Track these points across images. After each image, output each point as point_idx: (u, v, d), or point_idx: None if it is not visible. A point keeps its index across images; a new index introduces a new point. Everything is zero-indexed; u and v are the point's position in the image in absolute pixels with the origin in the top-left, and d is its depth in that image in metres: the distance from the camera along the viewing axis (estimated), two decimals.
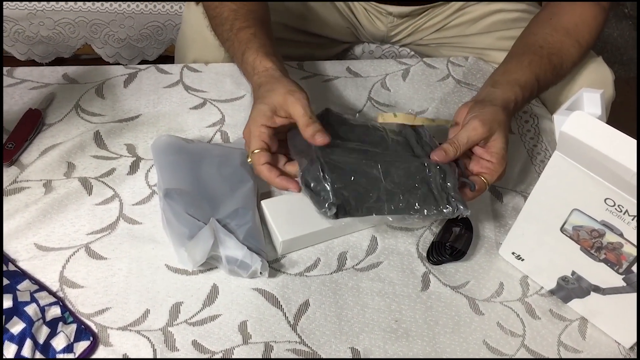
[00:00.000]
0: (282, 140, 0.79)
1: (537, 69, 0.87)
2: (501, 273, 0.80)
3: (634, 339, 0.73)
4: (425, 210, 0.72)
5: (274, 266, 0.77)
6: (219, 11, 0.91)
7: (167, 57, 1.49)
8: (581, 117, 0.60)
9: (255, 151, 0.75)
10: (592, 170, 0.64)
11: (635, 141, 0.58)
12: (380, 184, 0.73)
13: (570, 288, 0.75)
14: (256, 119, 0.76)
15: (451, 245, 0.79)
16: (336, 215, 0.70)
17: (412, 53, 1.25)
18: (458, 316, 0.75)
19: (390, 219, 0.73)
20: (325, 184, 0.71)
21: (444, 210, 0.72)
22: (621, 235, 0.66)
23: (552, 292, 0.78)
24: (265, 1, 0.95)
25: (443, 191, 0.73)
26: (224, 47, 0.93)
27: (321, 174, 0.71)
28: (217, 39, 0.94)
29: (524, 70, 0.86)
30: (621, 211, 0.64)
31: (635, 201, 0.62)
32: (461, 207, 0.72)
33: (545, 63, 0.88)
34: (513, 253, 0.79)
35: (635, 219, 0.63)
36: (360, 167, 0.73)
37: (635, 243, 0.65)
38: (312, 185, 0.72)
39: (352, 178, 0.72)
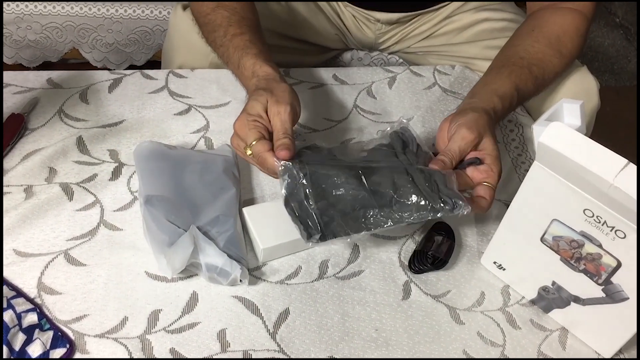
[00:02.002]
0: None
1: (516, 79, 0.87)
2: (482, 282, 0.80)
3: (614, 350, 0.73)
4: (416, 215, 0.71)
5: (255, 274, 0.77)
6: (211, 18, 0.91)
7: (155, 62, 1.49)
8: (559, 128, 0.60)
9: (254, 142, 0.74)
10: (570, 181, 0.64)
11: (611, 152, 0.58)
12: (365, 195, 0.72)
13: (551, 298, 0.75)
14: (250, 112, 0.76)
15: (433, 254, 0.79)
16: (323, 239, 0.69)
17: (401, 61, 1.25)
18: (438, 325, 0.74)
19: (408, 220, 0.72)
20: (310, 211, 0.70)
21: (440, 209, 0.71)
22: (600, 246, 0.66)
23: (533, 302, 0.78)
24: (253, 1, 0.95)
25: (433, 192, 0.72)
26: (216, 53, 0.93)
27: (305, 200, 0.71)
28: (209, 45, 0.94)
29: (503, 81, 0.87)
30: (600, 222, 0.64)
31: (613, 212, 0.62)
32: (460, 202, 0.71)
33: (525, 73, 0.88)
34: (495, 262, 0.79)
35: (614, 230, 0.63)
36: (343, 177, 0.73)
37: (614, 254, 0.65)
38: (296, 210, 0.71)
39: (334, 193, 0.72)
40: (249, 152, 0.75)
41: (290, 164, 0.72)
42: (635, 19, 2.58)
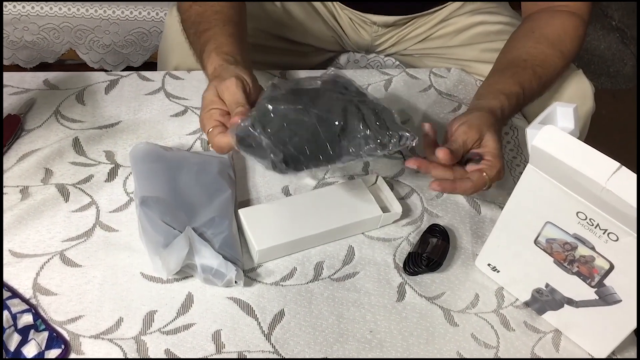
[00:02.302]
0: None
1: (521, 79, 0.88)
2: (477, 284, 0.80)
3: (607, 352, 0.73)
4: (367, 147, 0.71)
5: (250, 275, 0.77)
6: (187, 15, 0.90)
7: (152, 64, 1.50)
8: (552, 131, 0.61)
9: (209, 130, 0.73)
10: (563, 184, 0.64)
11: (603, 155, 0.59)
12: (315, 129, 0.71)
13: (544, 300, 0.75)
14: (204, 104, 0.76)
15: (428, 256, 0.79)
16: (286, 165, 0.68)
17: (397, 63, 1.25)
18: (433, 327, 0.75)
19: (340, 165, 0.72)
20: (262, 137, 0.68)
21: (388, 142, 0.72)
22: (593, 248, 0.66)
23: (526, 304, 0.78)
24: (242, 0, 0.94)
25: (382, 128, 0.72)
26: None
27: (253, 129, 0.69)
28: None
29: (507, 81, 0.87)
30: (593, 225, 0.65)
31: (606, 215, 0.62)
32: (406, 134, 0.72)
33: (529, 74, 0.89)
34: (489, 264, 0.80)
35: (607, 232, 0.64)
36: (291, 114, 0.71)
37: (607, 257, 0.66)
38: (249, 143, 0.69)
39: (285, 125, 0.70)
40: (209, 145, 0.75)
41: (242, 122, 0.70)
42: (631, 22, 2.59)
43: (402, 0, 1.12)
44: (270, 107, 0.71)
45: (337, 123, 0.71)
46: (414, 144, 0.73)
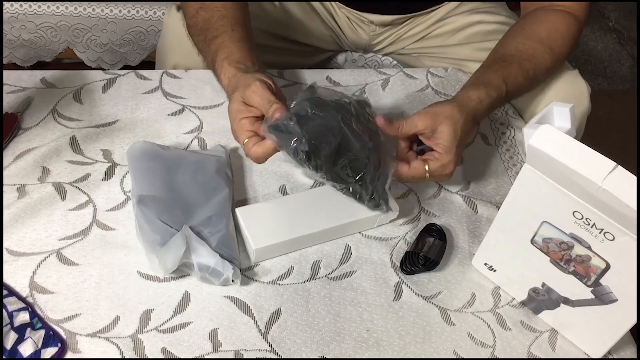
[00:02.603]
0: None
1: (505, 72, 0.88)
2: (473, 284, 0.80)
3: (603, 351, 0.73)
4: (348, 191, 0.78)
5: (247, 274, 0.77)
6: (195, 21, 0.91)
7: (149, 63, 1.49)
8: (548, 130, 0.61)
9: (245, 141, 0.75)
10: (560, 184, 0.64)
11: (599, 155, 0.59)
12: (346, 145, 0.75)
13: (541, 299, 0.76)
14: (233, 116, 0.77)
15: (424, 255, 0.79)
16: (307, 155, 0.71)
17: (395, 62, 1.25)
18: (429, 326, 0.75)
19: (338, 187, 0.78)
20: (293, 125, 0.71)
21: (367, 200, 0.78)
22: (589, 248, 0.66)
23: (523, 304, 0.79)
24: (243, 0, 0.95)
25: (371, 184, 0.76)
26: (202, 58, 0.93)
27: (287, 120, 0.72)
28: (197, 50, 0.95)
29: (491, 75, 0.88)
30: (589, 224, 0.65)
31: (602, 214, 0.63)
32: (384, 207, 0.79)
33: (515, 68, 0.89)
34: (485, 264, 0.80)
35: (603, 232, 0.64)
36: (328, 121, 0.74)
37: (603, 256, 0.66)
38: (280, 127, 0.72)
39: (319, 128, 0.73)
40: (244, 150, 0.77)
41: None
42: (628, 23, 2.59)
43: (399, 1, 1.12)
44: (309, 109, 0.73)
45: (366, 160, 0.76)
46: (382, 215, 0.81)
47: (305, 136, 0.71)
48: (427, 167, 0.79)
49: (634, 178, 0.58)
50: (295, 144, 0.71)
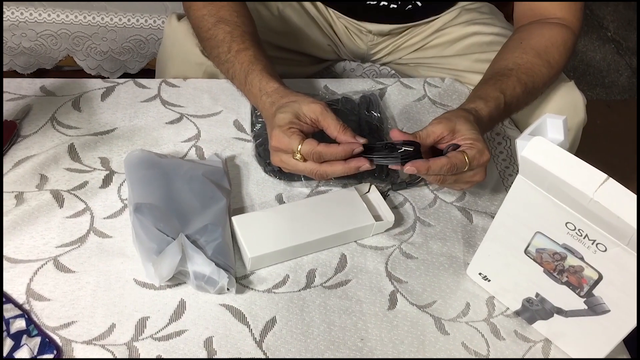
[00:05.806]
0: None
1: (503, 85, 0.89)
2: (468, 293, 0.81)
3: None
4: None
5: (243, 282, 0.77)
6: (212, 33, 0.92)
7: (149, 71, 1.50)
8: (541, 142, 0.62)
9: (300, 146, 0.76)
10: (552, 195, 0.65)
11: (591, 167, 0.59)
12: None
13: (535, 310, 0.76)
14: (282, 123, 0.78)
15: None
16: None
17: (392, 72, 1.26)
18: (423, 335, 0.75)
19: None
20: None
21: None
22: (582, 259, 0.67)
23: (517, 313, 0.79)
24: (244, 1, 0.96)
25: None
26: (220, 69, 0.94)
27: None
28: (212, 60, 0.96)
29: (488, 88, 0.89)
30: (581, 235, 0.65)
31: (594, 226, 0.63)
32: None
33: (513, 81, 0.90)
34: (480, 274, 0.80)
35: (595, 243, 0.65)
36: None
37: (596, 267, 0.66)
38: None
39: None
40: (298, 156, 0.77)
41: None
42: (626, 33, 2.60)
43: (396, 12, 1.13)
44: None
45: None
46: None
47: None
48: (465, 154, 0.77)
49: (625, 190, 0.59)
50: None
